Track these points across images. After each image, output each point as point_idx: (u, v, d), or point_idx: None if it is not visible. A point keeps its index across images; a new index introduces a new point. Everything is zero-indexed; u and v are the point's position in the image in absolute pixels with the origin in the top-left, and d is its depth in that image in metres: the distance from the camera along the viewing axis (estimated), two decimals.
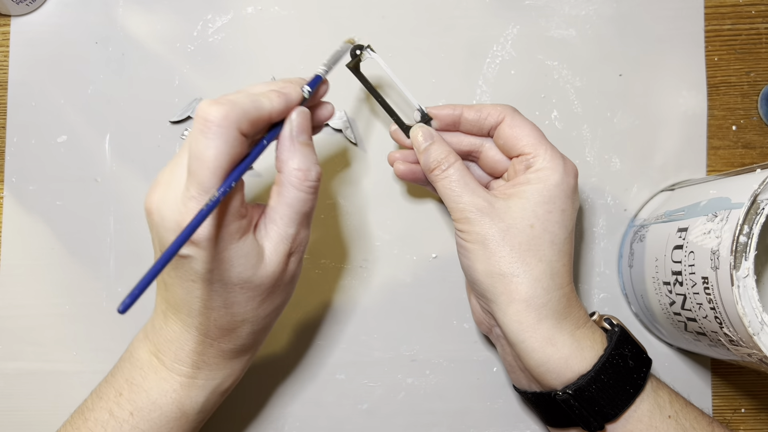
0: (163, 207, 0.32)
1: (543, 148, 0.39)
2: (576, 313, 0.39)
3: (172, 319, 0.36)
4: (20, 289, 0.47)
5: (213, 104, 0.31)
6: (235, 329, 0.36)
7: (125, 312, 0.26)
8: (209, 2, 0.48)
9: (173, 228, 0.32)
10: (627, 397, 0.37)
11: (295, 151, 0.34)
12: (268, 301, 0.36)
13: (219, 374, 0.38)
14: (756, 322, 0.34)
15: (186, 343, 0.36)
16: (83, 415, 0.38)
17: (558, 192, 0.38)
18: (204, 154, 0.31)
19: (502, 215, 0.38)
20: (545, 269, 0.38)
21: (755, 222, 0.33)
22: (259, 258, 0.34)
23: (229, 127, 0.31)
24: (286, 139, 0.35)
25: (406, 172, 0.43)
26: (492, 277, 0.38)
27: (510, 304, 0.38)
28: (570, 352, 0.37)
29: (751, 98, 0.49)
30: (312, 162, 0.35)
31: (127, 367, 0.38)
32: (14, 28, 0.48)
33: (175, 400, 0.37)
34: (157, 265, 0.28)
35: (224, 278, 0.33)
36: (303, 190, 0.34)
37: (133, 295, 0.26)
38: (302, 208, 0.35)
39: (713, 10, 0.49)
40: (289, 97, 0.35)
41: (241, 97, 0.32)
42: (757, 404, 0.48)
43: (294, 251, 0.35)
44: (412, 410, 0.48)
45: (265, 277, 0.34)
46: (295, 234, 0.35)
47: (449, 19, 0.48)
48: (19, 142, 0.48)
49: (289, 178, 0.34)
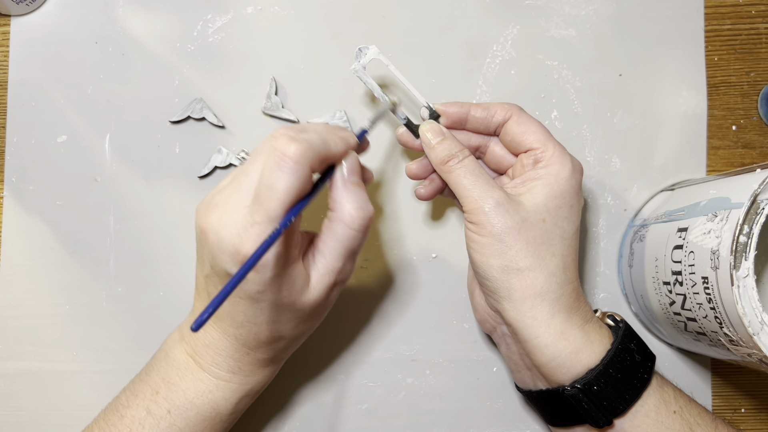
0: (221, 230, 0.33)
1: (551, 144, 0.39)
2: (584, 307, 0.39)
3: (212, 326, 0.38)
4: (20, 289, 0.47)
5: (292, 141, 0.33)
6: (272, 343, 0.38)
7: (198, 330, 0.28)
8: (209, 2, 0.48)
9: (230, 251, 0.33)
10: (635, 392, 0.37)
11: (348, 190, 0.36)
12: (307, 322, 0.38)
13: (253, 379, 0.39)
14: (756, 322, 0.34)
15: (224, 349, 0.38)
16: (118, 412, 0.38)
17: (567, 187, 0.39)
18: (277, 186, 0.32)
19: (516, 208, 0.38)
20: (558, 263, 0.38)
21: (755, 222, 0.33)
22: (305, 285, 0.35)
23: (304, 165, 0.33)
24: (339, 180, 0.36)
25: (428, 194, 0.43)
26: (508, 273, 0.38)
27: (525, 300, 0.38)
28: (580, 345, 0.38)
29: (751, 98, 0.49)
30: (365, 201, 0.36)
31: (163, 366, 0.39)
32: (14, 28, 0.48)
33: (211, 401, 0.38)
34: (227, 288, 0.30)
35: (270, 299, 0.35)
36: (354, 228, 0.35)
37: (206, 312, 0.28)
38: (351, 245, 0.36)
39: (713, 10, 0.49)
40: (349, 143, 0.37)
41: (315, 137, 0.34)
42: (757, 404, 0.48)
43: (338, 283, 0.37)
44: (412, 410, 0.48)
45: (308, 304, 0.36)
46: (341, 268, 0.36)
47: (449, 19, 0.48)
48: (19, 142, 0.48)
49: (342, 216, 0.35)
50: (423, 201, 0.46)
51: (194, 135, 0.48)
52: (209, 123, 0.48)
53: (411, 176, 0.44)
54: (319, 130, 0.36)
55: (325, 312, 0.39)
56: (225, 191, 0.35)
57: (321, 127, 0.37)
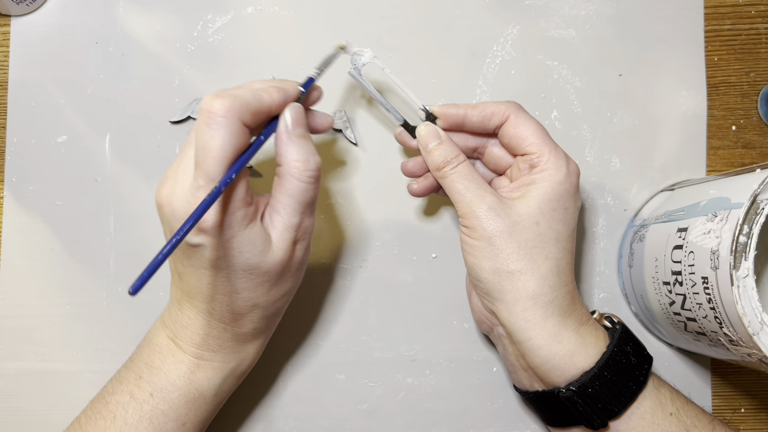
0: (173, 199, 0.34)
1: (547, 148, 0.39)
2: (579, 310, 0.39)
3: (187, 306, 0.38)
4: (20, 289, 0.48)
5: (216, 97, 0.33)
6: (247, 314, 0.37)
7: (135, 294, 0.27)
8: (209, 2, 0.48)
9: (183, 218, 0.33)
10: (630, 394, 0.37)
11: (292, 143, 0.35)
12: (277, 287, 0.37)
13: (234, 357, 0.39)
14: (756, 322, 0.34)
15: (200, 327, 0.38)
16: (104, 398, 0.39)
17: (561, 190, 0.38)
18: (209, 145, 0.32)
19: (509, 212, 0.38)
20: (552, 266, 0.38)
21: (755, 222, 0.33)
22: (266, 245, 0.35)
23: (232, 119, 0.33)
24: (283, 133, 0.36)
25: (422, 190, 0.43)
26: (499, 275, 0.38)
27: (517, 302, 0.38)
28: (575, 348, 0.37)
29: (751, 98, 0.49)
30: (310, 152, 0.36)
31: (146, 352, 0.39)
32: (14, 28, 0.48)
33: (192, 381, 0.38)
34: (166, 248, 0.30)
35: (233, 264, 0.35)
36: (303, 180, 0.35)
37: (143, 277, 0.28)
38: (304, 198, 0.36)
39: (713, 10, 0.49)
40: (287, 92, 0.36)
41: (243, 91, 0.34)
42: (757, 404, 0.48)
43: (299, 239, 0.37)
44: (412, 410, 0.48)
45: (273, 264, 0.36)
46: (299, 223, 0.36)
47: (449, 19, 0.48)
48: (19, 142, 0.48)
49: (289, 170, 0.35)
50: (416, 198, 0.46)
51: None
52: None
53: (406, 174, 0.44)
54: (252, 85, 0.36)
55: (298, 274, 0.39)
56: (174, 164, 0.35)
57: (257, 82, 0.36)
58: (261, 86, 0.35)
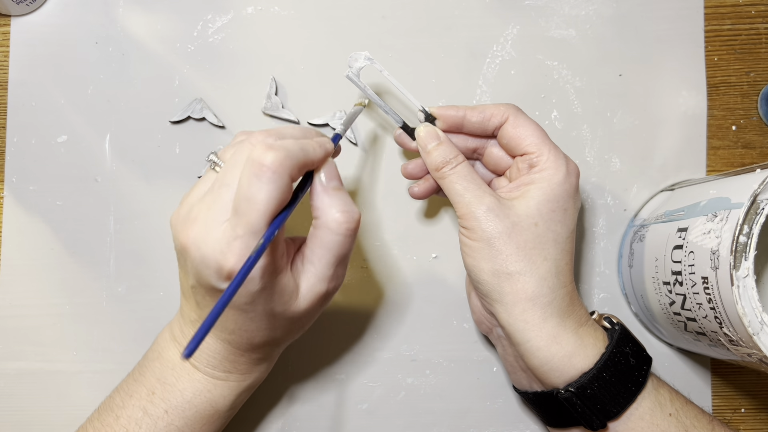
0: (203, 245, 0.32)
1: (546, 148, 0.39)
2: (578, 311, 0.39)
3: None
4: (20, 289, 0.47)
5: (269, 150, 0.31)
6: (266, 346, 0.38)
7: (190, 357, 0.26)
8: (209, 2, 0.48)
9: (214, 267, 0.32)
10: (629, 395, 0.37)
11: (329, 195, 0.35)
12: (298, 326, 0.38)
13: (249, 376, 0.40)
14: (756, 322, 0.34)
15: (218, 352, 0.38)
16: (113, 412, 0.38)
17: (560, 191, 0.38)
18: (257, 197, 0.31)
19: (507, 213, 0.38)
20: (550, 267, 0.38)
21: (755, 222, 0.33)
22: (293, 294, 0.35)
23: (283, 174, 0.32)
24: (320, 186, 0.35)
25: (422, 193, 0.43)
26: (498, 277, 0.38)
27: (516, 304, 0.38)
28: (573, 349, 0.37)
29: (751, 98, 0.49)
30: (349, 205, 0.35)
31: (157, 366, 0.39)
32: (14, 28, 0.48)
33: (209, 399, 0.38)
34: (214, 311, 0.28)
35: (260, 310, 0.34)
36: (341, 234, 0.34)
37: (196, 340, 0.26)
38: (340, 252, 0.35)
39: (713, 10, 0.49)
40: (327, 149, 0.36)
41: (292, 144, 0.33)
42: (757, 404, 0.48)
43: (330, 291, 0.36)
44: (412, 410, 0.48)
45: (297, 312, 0.35)
46: (333, 274, 0.36)
47: (449, 19, 0.48)
48: (19, 142, 0.48)
49: (327, 223, 0.34)
50: (417, 200, 0.46)
51: (194, 135, 0.48)
52: (209, 123, 0.48)
53: (407, 176, 0.44)
54: (296, 135, 0.35)
55: (318, 313, 0.39)
56: (203, 203, 0.34)
57: (298, 131, 0.36)
58: (305, 139, 0.35)
